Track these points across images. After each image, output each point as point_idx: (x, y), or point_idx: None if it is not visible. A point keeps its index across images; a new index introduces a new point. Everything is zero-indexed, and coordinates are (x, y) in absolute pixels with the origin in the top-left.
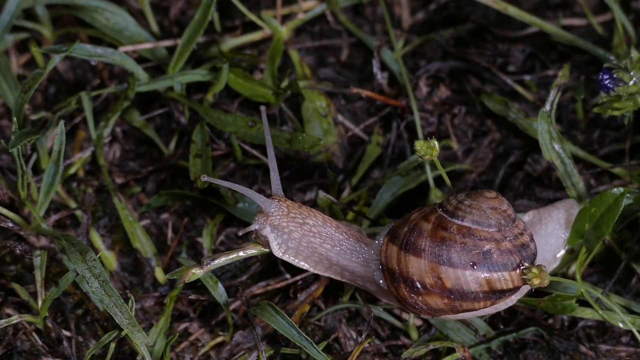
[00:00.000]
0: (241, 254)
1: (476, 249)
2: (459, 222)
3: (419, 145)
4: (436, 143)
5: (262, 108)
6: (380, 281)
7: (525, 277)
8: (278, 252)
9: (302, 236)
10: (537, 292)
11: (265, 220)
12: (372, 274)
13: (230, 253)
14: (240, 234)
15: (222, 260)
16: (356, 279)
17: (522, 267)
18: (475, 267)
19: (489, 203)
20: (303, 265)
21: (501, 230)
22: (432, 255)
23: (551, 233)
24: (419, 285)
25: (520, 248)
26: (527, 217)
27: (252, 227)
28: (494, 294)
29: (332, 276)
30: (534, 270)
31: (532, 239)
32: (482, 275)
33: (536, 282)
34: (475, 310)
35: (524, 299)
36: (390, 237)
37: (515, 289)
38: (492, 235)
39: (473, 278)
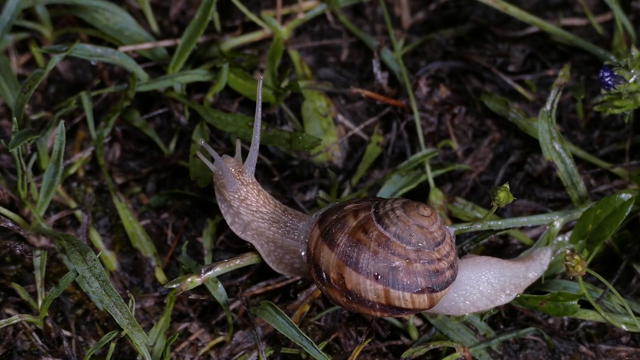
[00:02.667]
0: (239, 262)
1: (385, 262)
2: (381, 230)
3: (502, 194)
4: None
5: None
6: (302, 253)
7: (568, 263)
8: (227, 222)
9: (251, 221)
10: (537, 292)
11: (220, 186)
12: (302, 246)
13: (229, 262)
14: (196, 154)
15: (219, 269)
16: (294, 262)
17: (429, 291)
18: (378, 278)
19: (418, 220)
20: (248, 241)
21: (418, 251)
22: (343, 253)
23: (513, 268)
24: (324, 276)
25: (431, 273)
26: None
27: (209, 165)
28: (391, 309)
29: (273, 265)
30: (576, 257)
31: (451, 267)
32: (382, 289)
33: (579, 269)
34: (373, 316)
35: (526, 295)
36: (320, 219)
37: (415, 311)
38: (407, 253)
39: (372, 288)
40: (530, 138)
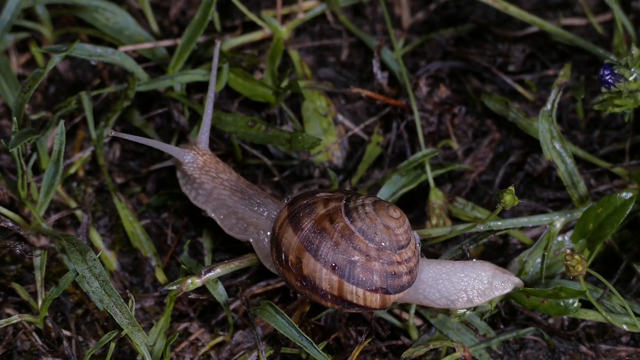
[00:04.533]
0: (239, 263)
1: (345, 254)
2: (347, 222)
3: (508, 197)
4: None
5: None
6: (268, 232)
7: (568, 262)
8: (190, 197)
9: (213, 188)
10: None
11: (179, 165)
12: (269, 224)
13: (229, 263)
14: (153, 168)
15: (219, 270)
16: (259, 237)
17: (382, 292)
18: (334, 269)
19: (386, 220)
20: (212, 215)
21: (380, 250)
22: (305, 238)
23: (477, 270)
24: (283, 257)
25: (388, 275)
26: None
27: (166, 164)
28: (343, 302)
29: (236, 236)
30: (576, 257)
31: (409, 272)
32: (337, 280)
33: (579, 268)
34: (323, 306)
35: (528, 289)
36: (291, 202)
37: (365, 309)
38: (368, 250)
39: (327, 278)
40: (530, 138)
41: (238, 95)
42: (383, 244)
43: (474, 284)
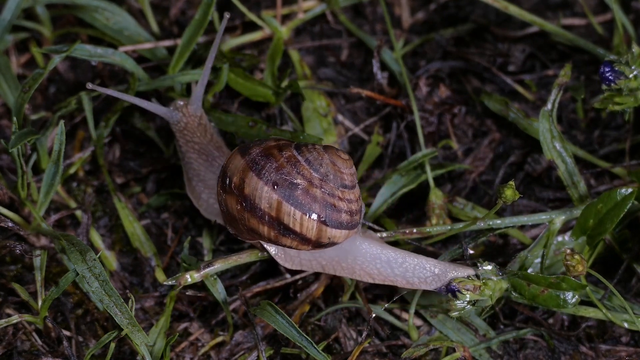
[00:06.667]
0: (237, 258)
1: (288, 176)
2: (295, 153)
3: (508, 192)
4: None
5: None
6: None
7: (568, 262)
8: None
9: (186, 151)
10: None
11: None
12: None
13: (228, 259)
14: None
15: (218, 266)
16: (209, 201)
17: (320, 220)
18: (275, 188)
19: (333, 158)
20: (185, 179)
21: (323, 180)
22: (252, 161)
23: (420, 259)
24: (227, 182)
25: (328, 205)
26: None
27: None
28: (280, 225)
29: (192, 198)
30: (577, 257)
31: (349, 213)
32: (276, 199)
33: (580, 268)
34: (260, 234)
35: (530, 275)
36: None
37: (301, 238)
38: (312, 177)
39: (267, 196)
40: (530, 138)
41: (238, 95)
42: (328, 176)
43: (415, 271)
